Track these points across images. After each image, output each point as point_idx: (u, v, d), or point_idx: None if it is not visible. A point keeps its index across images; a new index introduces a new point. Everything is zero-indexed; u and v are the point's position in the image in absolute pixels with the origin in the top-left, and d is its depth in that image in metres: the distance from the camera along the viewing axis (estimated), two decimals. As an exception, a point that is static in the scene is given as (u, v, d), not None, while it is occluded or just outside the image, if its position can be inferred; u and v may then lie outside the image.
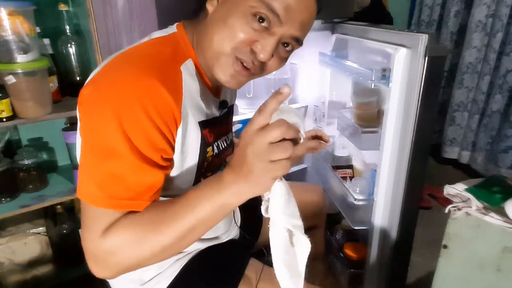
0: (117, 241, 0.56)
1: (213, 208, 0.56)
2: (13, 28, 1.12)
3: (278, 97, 0.50)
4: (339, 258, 1.49)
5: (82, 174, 0.59)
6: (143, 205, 0.60)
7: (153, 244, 0.57)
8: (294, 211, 0.58)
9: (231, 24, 0.61)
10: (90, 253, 0.58)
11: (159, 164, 0.60)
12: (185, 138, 0.65)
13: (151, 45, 0.66)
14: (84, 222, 0.59)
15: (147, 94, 0.56)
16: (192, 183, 0.73)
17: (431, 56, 0.95)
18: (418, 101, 0.99)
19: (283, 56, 0.68)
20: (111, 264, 0.58)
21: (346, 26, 1.35)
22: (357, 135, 1.28)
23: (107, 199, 0.57)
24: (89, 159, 0.58)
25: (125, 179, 0.57)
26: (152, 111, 0.56)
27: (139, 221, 0.58)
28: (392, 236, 1.16)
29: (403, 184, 1.08)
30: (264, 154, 0.50)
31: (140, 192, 0.59)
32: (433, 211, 2.02)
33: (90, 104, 0.58)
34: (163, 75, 0.59)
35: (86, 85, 0.61)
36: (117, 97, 0.55)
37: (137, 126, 0.56)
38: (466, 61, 2.33)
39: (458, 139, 2.48)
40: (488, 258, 0.84)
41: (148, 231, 0.57)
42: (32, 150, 1.39)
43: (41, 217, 1.50)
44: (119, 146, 0.56)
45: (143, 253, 0.57)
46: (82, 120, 0.60)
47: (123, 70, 0.59)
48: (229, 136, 0.87)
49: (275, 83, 1.56)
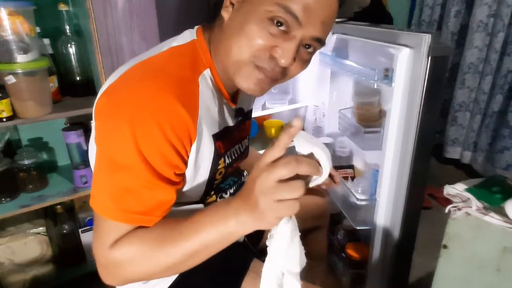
0: (124, 255, 0.58)
1: (218, 235, 0.56)
2: (13, 28, 1.12)
3: (290, 131, 0.50)
4: (341, 258, 1.49)
5: (97, 184, 0.60)
6: (153, 221, 0.60)
7: (158, 262, 0.58)
8: (295, 255, 0.56)
9: (248, 31, 0.59)
10: (99, 261, 0.60)
11: (172, 180, 0.61)
12: (198, 153, 0.65)
13: (169, 56, 0.64)
14: (96, 231, 0.60)
15: (164, 111, 0.56)
16: (202, 193, 0.73)
17: (434, 56, 0.94)
18: (421, 101, 0.99)
19: (305, 58, 0.65)
20: (118, 275, 0.59)
21: (346, 26, 1.35)
22: (359, 135, 1.28)
23: (120, 212, 0.58)
24: (104, 171, 0.59)
25: (138, 194, 0.58)
26: (168, 129, 0.56)
27: (146, 239, 0.59)
28: (394, 236, 1.16)
29: (405, 184, 1.08)
30: (270, 192, 0.48)
31: (152, 207, 0.59)
32: (433, 211, 2.02)
33: (106, 117, 0.58)
34: (181, 91, 0.58)
35: (103, 95, 0.61)
36: (133, 112, 0.55)
37: (152, 143, 0.56)
38: (467, 61, 2.32)
39: (460, 139, 2.48)
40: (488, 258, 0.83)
41: (154, 249, 0.58)
42: (32, 150, 1.40)
43: (41, 217, 1.51)
44: (133, 162, 0.56)
45: (148, 269, 0.59)
46: (98, 130, 0.60)
47: (140, 84, 0.58)
48: (244, 143, 0.86)
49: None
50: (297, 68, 0.66)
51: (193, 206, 0.76)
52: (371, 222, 1.24)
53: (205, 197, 0.76)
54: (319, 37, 0.62)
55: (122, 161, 0.57)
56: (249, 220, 0.52)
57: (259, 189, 0.49)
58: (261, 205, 0.49)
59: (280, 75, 0.65)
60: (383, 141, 1.13)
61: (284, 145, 0.50)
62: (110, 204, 0.58)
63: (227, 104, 0.73)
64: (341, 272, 1.49)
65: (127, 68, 0.62)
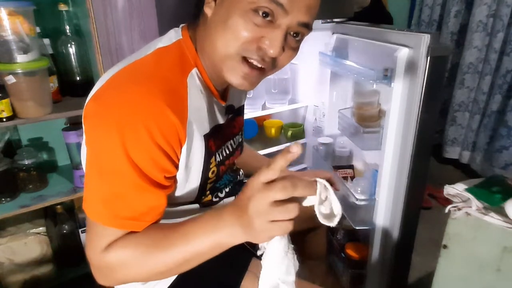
0: (117, 259, 0.59)
1: (208, 244, 0.56)
2: (13, 28, 1.12)
3: (287, 156, 0.49)
4: (340, 258, 1.49)
5: (88, 189, 0.60)
6: (144, 226, 0.61)
7: (149, 267, 0.59)
8: (289, 266, 0.57)
9: (232, 25, 0.58)
10: (93, 264, 0.61)
11: (162, 184, 0.61)
12: (189, 154, 0.65)
13: (156, 58, 0.63)
14: (89, 234, 0.61)
15: (152, 116, 0.56)
16: (197, 194, 0.73)
17: (433, 56, 0.94)
18: (420, 101, 0.99)
19: (293, 47, 0.64)
20: (112, 277, 0.60)
21: (346, 26, 1.35)
22: (358, 135, 1.28)
23: (112, 218, 0.58)
24: (94, 175, 0.59)
25: (129, 199, 0.58)
26: (157, 133, 0.56)
27: (139, 244, 0.59)
28: (393, 236, 1.16)
29: (405, 184, 1.08)
30: (264, 213, 0.49)
31: (142, 213, 0.60)
32: (433, 211, 2.02)
33: (94, 121, 0.58)
34: (168, 95, 0.58)
35: (91, 99, 0.60)
36: (121, 117, 0.55)
37: (141, 147, 0.56)
38: (467, 61, 2.33)
39: (459, 139, 2.48)
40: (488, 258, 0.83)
41: (146, 255, 0.58)
42: (32, 150, 1.39)
43: (41, 217, 1.50)
44: (123, 167, 0.56)
45: (139, 273, 0.60)
46: (87, 134, 0.60)
47: (127, 88, 0.57)
48: (236, 139, 0.86)
49: (275, 83, 1.56)
50: (287, 57, 0.64)
51: (189, 206, 0.76)
52: (370, 222, 1.24)
53: (200, 197, 0.76)
54: (306, 22, 0.61)
55: (111, 167, 0.56)
56: (241, 234, 0.53)
57: (253, 210, 0.50)
58: (255, 225, 0.50)
59: (270, 66, 0.64)
60: (383, 141, 1.13)
61: (280, 168, 0.49)
62: (102, 209, 0.58)
63: (216, 102, 0.73)
64: (340, 272, 1.49)
65: (115, 71, 0.62)
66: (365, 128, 1.23)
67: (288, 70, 1.58)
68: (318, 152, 1.58)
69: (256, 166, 0.94)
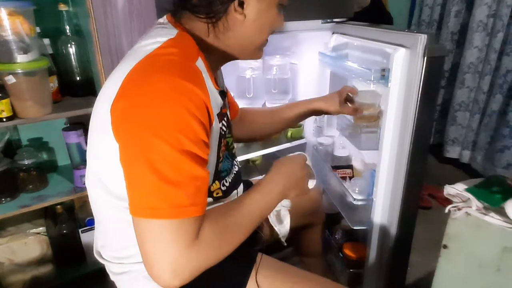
0: (210, 238, 0.61)
1: (272, 202, 0.76)
2: (13, 28, 1.13)
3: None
4: (338, 258, 1.49)
5: (138, 189, 0.59)
6: (202, 209, 0.61)
7: (234, 232, 0.67)
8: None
9: (268, 19, 0.73)
10: (169, 268, 0.57)
11: (206, 160, 0.63)
12: (212, 133, 0.68)
13: (167, 51, 0.65)
14: (152, 244, 0.57)
15: (185, 95, 0.58)
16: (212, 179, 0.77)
17: (430, 56, 0.94)
18: (417, 101, 0.99)
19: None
20: (197, 269, 0.60)
21: (346, 26, 1.35)
22: (356, 135, 1.28)
23: (171, 208, 0.57)
24: (144, 174, 0.57)
25: (184, 186, 0.58)
26: (197, 111, 0.59)
27: (218, 217, 0.65)
28: (391, 236, 1.16)
29: (402, 184, 1.08)
30: (302, 179, 0.83)
31: (197, 196, 0.60)
32: (433, 211, 2.02)
33: (131, 120, 0.58)
34: (191, 77, 0.61)
35: (117, 99, 0.60)
36: (160, 107, 0.56)
37: (187, 130, 0.58)
38: (467, 61, 2.33)
39: (459, 139, 2.48)
40: (488, 258, 0.83)
41: (229, 220, 0.66)
42: (32, 150, 1.40)
43: (41, 217, 1.51)
44: (174, 155, 0.56)
45: (230, 242, 0.66)
46: (124, 137, 0.60)
47: (154, 79, 0.59)
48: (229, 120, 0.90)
49: (275, 83, 1.56)
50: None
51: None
52: (368, 222, 1.24)
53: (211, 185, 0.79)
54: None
55: (163, 158, 0.56)
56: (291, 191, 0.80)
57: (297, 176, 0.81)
58: (298, 185, 0.81)
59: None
60: (380, 141, 1.13)
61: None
62: (161, 203, 0.56)
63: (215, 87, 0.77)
64: (338, 271, 1.50)
65: (128, 70, 0.62)
66: (362, 128, 1.23)
67: (288, 70, 1.58)
68: (317, 152, 1.58)
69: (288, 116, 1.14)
